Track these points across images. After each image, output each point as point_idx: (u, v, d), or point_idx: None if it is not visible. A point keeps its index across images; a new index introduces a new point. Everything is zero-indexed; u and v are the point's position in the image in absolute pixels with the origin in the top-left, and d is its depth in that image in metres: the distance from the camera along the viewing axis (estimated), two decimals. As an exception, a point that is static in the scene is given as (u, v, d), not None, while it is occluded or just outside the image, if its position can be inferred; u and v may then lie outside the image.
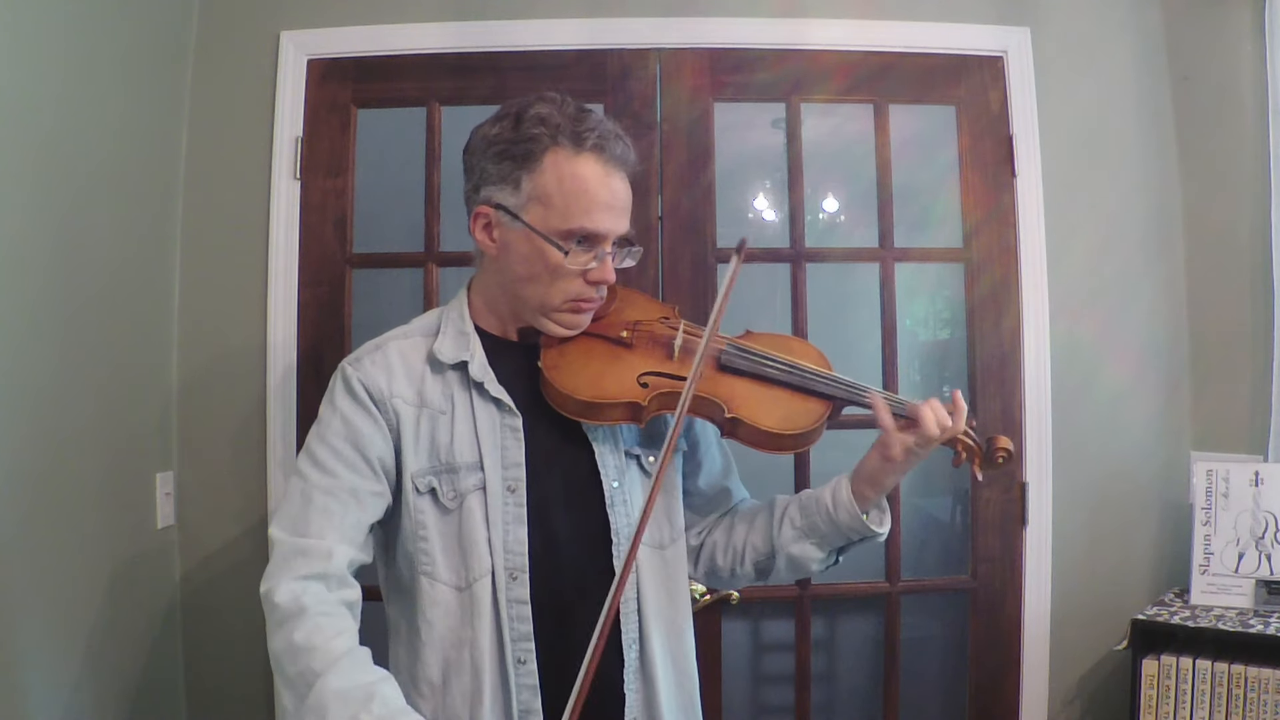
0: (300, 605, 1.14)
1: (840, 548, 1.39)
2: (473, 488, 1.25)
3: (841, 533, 1.35)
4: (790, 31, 2.15)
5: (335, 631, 1.14)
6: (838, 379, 1.34)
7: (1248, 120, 2.10)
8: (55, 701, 1.67)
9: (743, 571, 1.44)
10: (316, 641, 1.12)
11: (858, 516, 1.33)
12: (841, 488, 1.34)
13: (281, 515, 1.22)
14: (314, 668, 1.10)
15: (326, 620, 1.14)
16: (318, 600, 1.15)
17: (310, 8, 2.13)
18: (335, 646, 1.12)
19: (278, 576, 1.17)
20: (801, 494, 1.41)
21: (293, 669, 1.12)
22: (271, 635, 1.16)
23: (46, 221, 1.67)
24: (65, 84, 1.72)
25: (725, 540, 1.45)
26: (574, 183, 1.23)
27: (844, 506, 1.33)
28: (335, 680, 1.09)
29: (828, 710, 2.30)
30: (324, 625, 1.14)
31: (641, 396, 1.27)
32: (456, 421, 1.27)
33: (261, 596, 1.18)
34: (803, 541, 1.37)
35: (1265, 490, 2.00)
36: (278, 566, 1.18)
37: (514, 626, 1.23)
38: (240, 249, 2.11)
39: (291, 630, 1.13)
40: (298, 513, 1.21)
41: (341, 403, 1.26)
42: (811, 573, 1.41)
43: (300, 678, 1.11)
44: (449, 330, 1.31)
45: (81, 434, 1.76)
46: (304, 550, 1.18)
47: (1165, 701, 1.87)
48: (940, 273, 2.30)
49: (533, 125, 1.24)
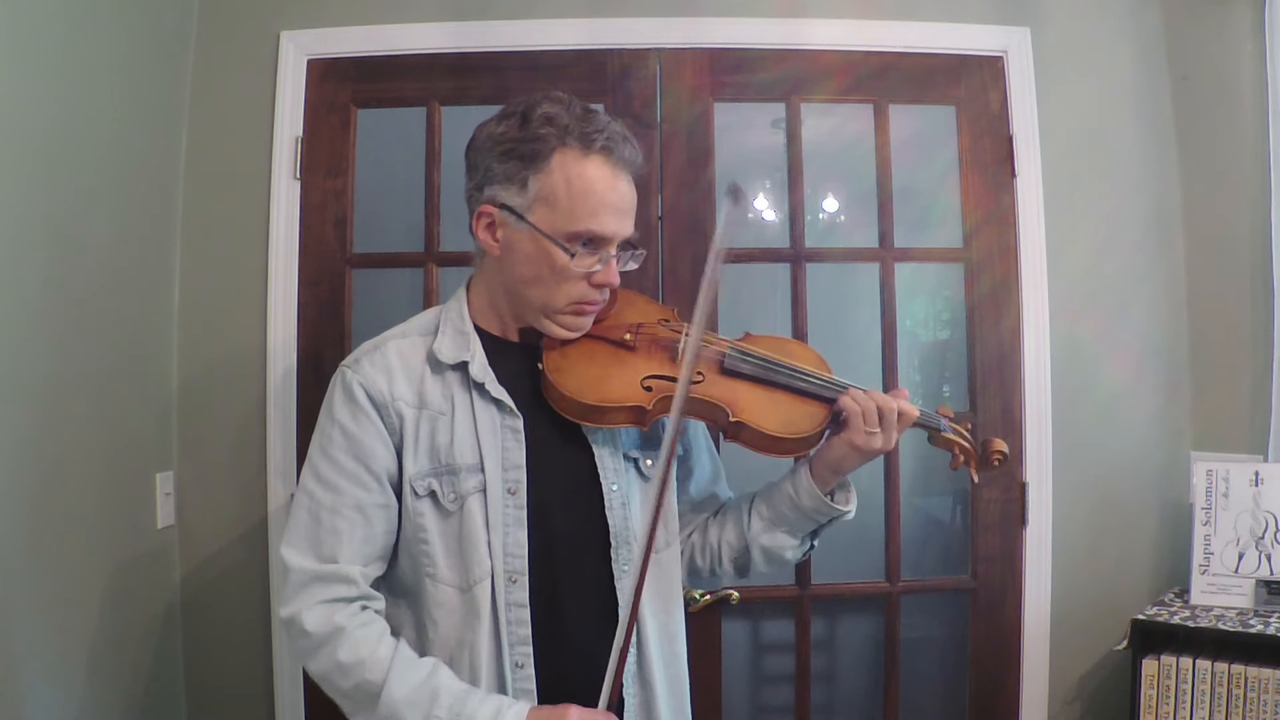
0: (334, 625, 1.18)
1: (812, 531, 1.41)
2: (473, 490, 1.24)
3: (809, 517, 1.37)
4: (790, 31, 2.15)
5: (376, 640, 1.19)
6: (838, 382, 1.34)
7: (1248, 120, 2.10)
8: (55, 701, 1.67)
9: (722, 570, 1.45)
10: (363, 654, 1.17)
11: (820, 498, 1.34)
12: (800, 475, 1.36)
13: (292, 536, 1.23)
14: (370, 679, 1.16)
15: (364, 631, 1.19)
16: (349, 617, 1.20)
17: (310, 8, 2.13)
18: (382, 654, 1.18)
19: (300, 602, 1.20)
20: (765, 486, 1.43)
21: (347, 684, 1.18)
22: (308, 658, 1.20)
23: (46, 221, 1.67)
24: (65, 84, 1.72)
25: (702, 541, 1.46)
26: (581, 184, 1.22)
27: (805, 491, 1.35)
28: (398, 688, 1.15)
29: (828, 710, 2.30)
30: (363, 638, 1.19)
31: (645, 400, 1.27)
32: (456, 423, 1.25)
33: (285, 621, 1.21)
34: (773, 531, 1.39)
35: (1265, 490, 2.00)
36: (297, 593, 1.20)
37: (512, 630, 1.23)
38: (240, 249, 2.11)
39: (334, 650, 1.18)
40: (308, 535, 1.22)
41: (341, 413, 1.25)
42: (789, 560, 1.43)
43: (358, 690, 1.17)
44: (448, 330, 1.30)
45: (81, 434, 1.76)
46: (322, 576, 1.20)
47: (1165, 701, 1.87)
48: (940, 273, 2.30)
49: (541, 125, 1.23)
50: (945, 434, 1.40)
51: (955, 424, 1.42)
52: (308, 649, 1.20)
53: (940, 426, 1.40)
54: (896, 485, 2.16)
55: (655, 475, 1.27)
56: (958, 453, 1.39)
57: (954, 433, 1.41)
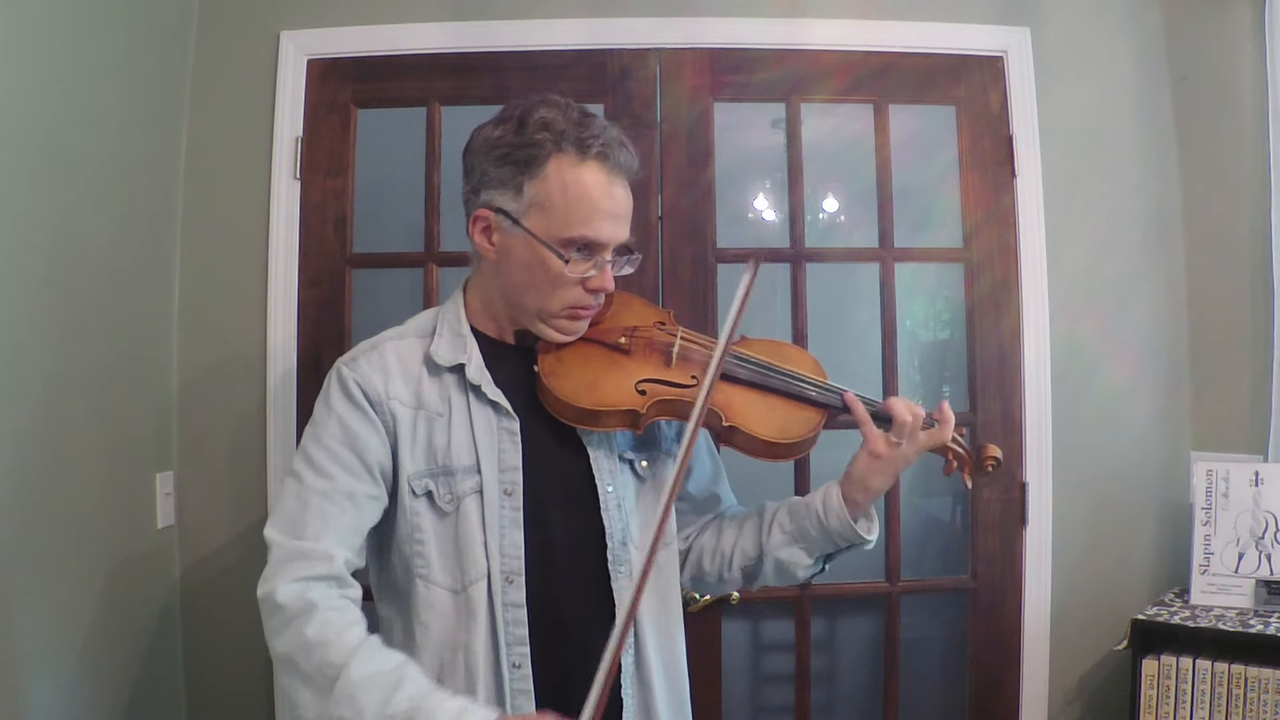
0: (307, 601, 1.14)
1: (828, 555, 1.40)
2: (469, 491, 1.24)
3: (830, 539, 1.36)
4: (790, 31, 2.15)
5: (346, 624, 1.14)
6: (834, 387, 1.34)
7: (1248, 120, 2.10)
8: (55, 701, 1.67)
9: (730, 576, 1.44)
10: (329, 636, 1.12)
11: (848, 522, 1.33)
12: (832, 493, 1.35)
13: (278, 517, 1.21)
14: (332, 660, 1.10)
15: (336, 614, 1.14)
16: (324, 596, 1.15)
17: (310, 8, 2.13)
18: (349, 638, 1.12)
19: (277, 579, 1.16)
20: (791, 499, 1.42)
21: (308, 664, 1.11)
22: (276, 635, 1.15)
23: (46, 221, 1.67)
24: (65, 84, 1.72)
25: (714, 545, 1.44)
26: (577, 190, 1.22)
27: (834, 512, 1.34)
28: (359, 669, 1.09)
29: (828, 710, 2.30)
30: (334, 619, 1.14)
31: (640, 404, 1.27)
32: (454, 424, 1.25)
33: (260, 599, 1.17)
34: (791, 546, 1.38)
35: (1265, 490, 2.00)
36: (275, 569, 1.17)
37: (509, 630, 1.22)
38: (240, 249, 2.11)
39: (302, 626, 1.12)
40: (294, 515, 1.20)
41: (338, 405, 1.25)
42: (798, 579, 1.42)
43: (319, 672, 1.11)
44: (445, 332, 1.30)
45: (81, 434, 1.76)
46: (304, 553, 1.17)
47: (1165, 701, 1.87)
48: (940, 273, 2.30)
49: (537, 130, 1.22)
50: None
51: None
52: (277, 626, 1.15)
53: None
54: (897, 485, 2.15)
55: (665, 485, 1.25)
56: (951, 458, 1.39)
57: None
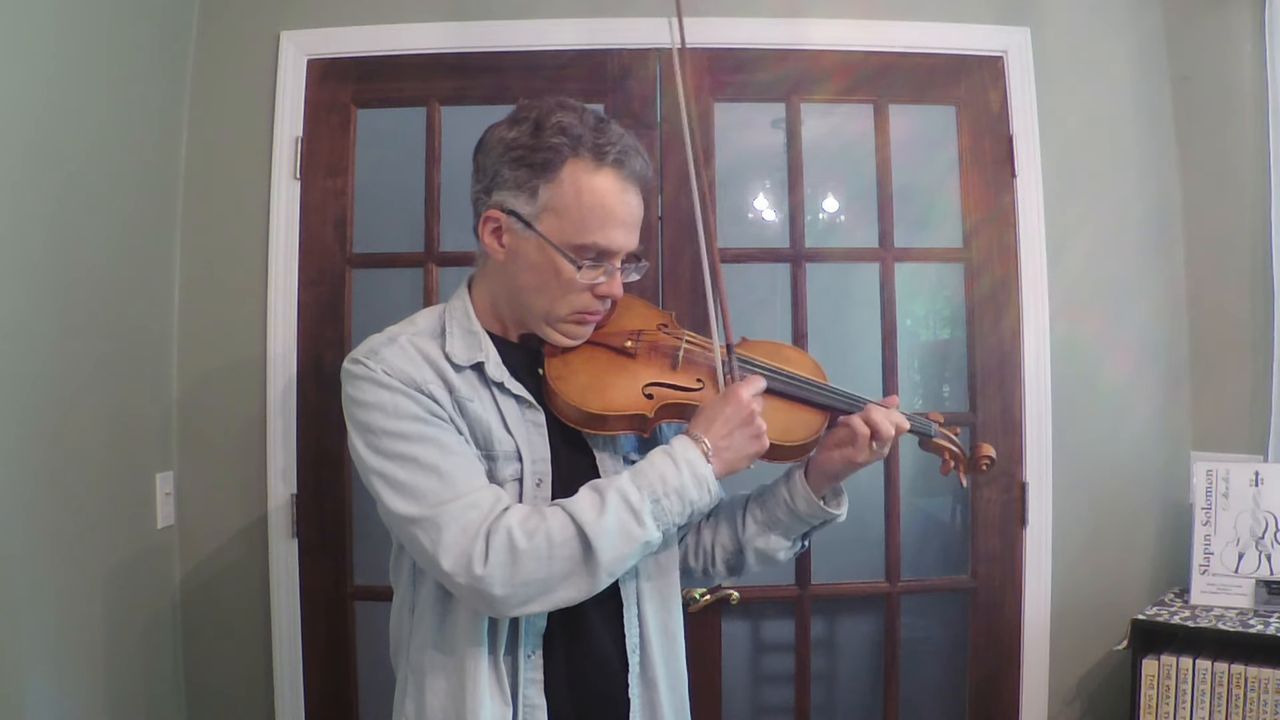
0: (505, 538, 1.13)
1: (804, 533, 1.42)
2: (510, 478, 1.24)
3: (802, 520, 1.38)
4: (790, 31, 2.15)
5: (545, 519, 1.15)
6: (835, 390, 1.35)
7: (1248, 120, 2.10)
8: (55, 701, 1.67)
9: (715, 570, 1.46)
10: (551, 537, 1.13)
11: (816, 503, 1.35)
12: (795, 480, 1.37)
13: (407, 497, 1.15)
14: (573, 551, 1.14)
15: (534, 521, 1.15)
16: (508, 523, 1.14)
17: (310, 8, 2.14)
18: (557, 524, 1.14)
19: (467, 540, 1.13)
20: (758, 490, 1.44)
21: (566, 550, 1.14)
22: (522, 564, 1.13)
23: (47, 222, 1.67)
24: (65, 84, 1.72)
25: (694, 543, 1.46)
26: (592, 197, 1.21)
27: (801, 496, 1.36)
28: (594, 535, 1.13)
29: (828, 710, 2.30)
30: (537, 526, 1.14)
31: (647, 408, 1.27)
32: (489, 413, 1.24)
33: (467, 587, 1.13)
34: (767, 535, 1.40)
35: (1265, 490, 2.00)
36: (457, 537, 1.13)
37: (530, 621, 1.23)
38: (240, 249, 2.11)
39: (527, 559, 1.12)
40: (426, 485, 1.15)
41: (379, 396, 1.19)
42: (781, 561, 1.44)
43: (580, 565, 1.14)
44: (455, 330, 1.28)
45: (81, 434, 1.76)
46: (473, 505, 1.15)
47: (1165, 701, 1.87)
48: (940, 273, 2.29)
49: (554, 134, 1.21)
50: (935, 439, 1.41)
51: (945, 429, 1.42)
52: (524, 555, 1.12)
53: (931, 432, 1.40)
54: (896, 485, 2.16)
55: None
56: (947, 458, 1.40)
57: (943, 438, 1.41)
